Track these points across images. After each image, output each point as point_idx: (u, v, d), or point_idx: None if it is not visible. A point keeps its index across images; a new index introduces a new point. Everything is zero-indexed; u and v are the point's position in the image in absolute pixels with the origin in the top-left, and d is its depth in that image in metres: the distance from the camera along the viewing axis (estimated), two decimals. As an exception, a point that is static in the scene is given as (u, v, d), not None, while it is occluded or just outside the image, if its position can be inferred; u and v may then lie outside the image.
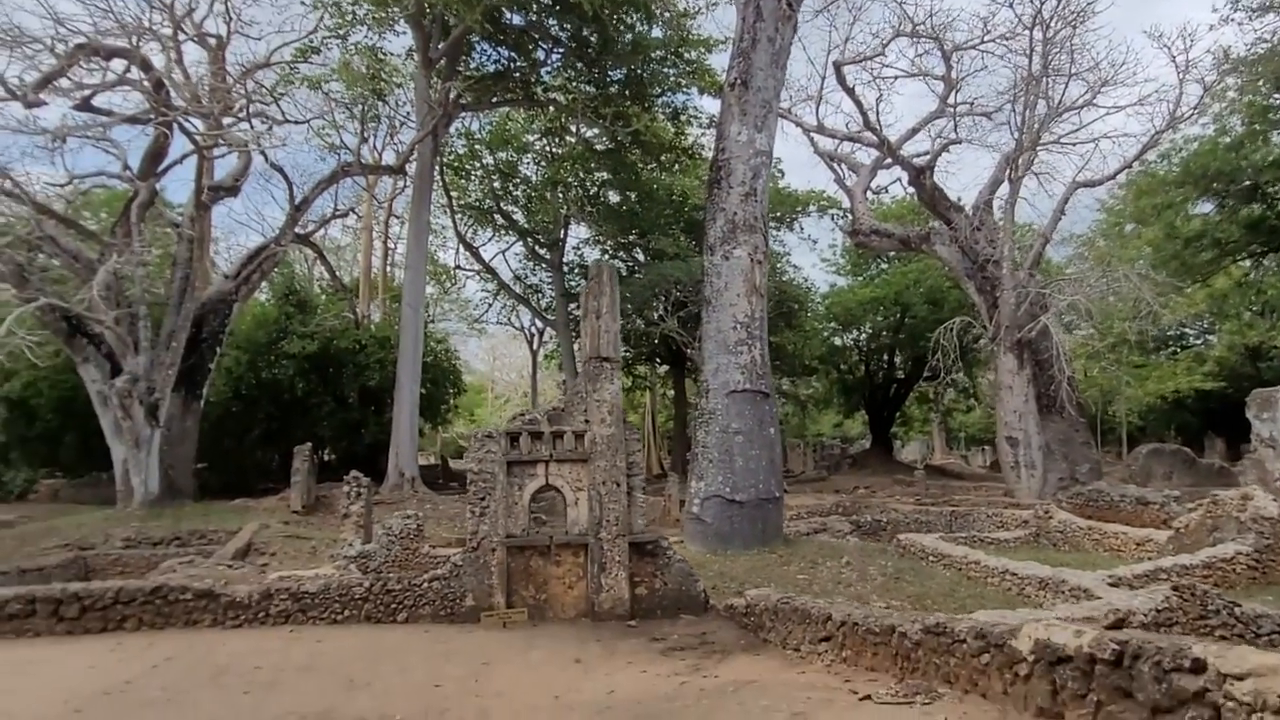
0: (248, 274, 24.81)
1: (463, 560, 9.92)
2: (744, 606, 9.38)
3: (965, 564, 14.59)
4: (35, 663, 8.27)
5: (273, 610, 9.70)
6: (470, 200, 37.46)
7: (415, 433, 26.44)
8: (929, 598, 13.34)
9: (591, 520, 10.06)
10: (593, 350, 10.52)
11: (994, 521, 18.56)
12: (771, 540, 15.85)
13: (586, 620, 9.92)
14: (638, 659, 8.23)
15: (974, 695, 5.69)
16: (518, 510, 10.11)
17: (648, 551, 10.25)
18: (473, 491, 10.02)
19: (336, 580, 9.91)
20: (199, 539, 19.95)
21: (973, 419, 49.85)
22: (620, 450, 10.24)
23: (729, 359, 16.03)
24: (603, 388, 10.38)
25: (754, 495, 15.72)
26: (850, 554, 15.50)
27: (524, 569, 10.04)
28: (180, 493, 23.36)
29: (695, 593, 10.24)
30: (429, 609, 9.81)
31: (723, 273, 16.30)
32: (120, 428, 21.83)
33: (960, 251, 23.81)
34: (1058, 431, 22.07)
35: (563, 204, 35.55)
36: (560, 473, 10.22)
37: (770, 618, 8.67)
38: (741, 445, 15.77)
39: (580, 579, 10.09)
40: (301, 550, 18.90)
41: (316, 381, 33.28)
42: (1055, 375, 21.86)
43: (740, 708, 5.99)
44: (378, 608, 9.80)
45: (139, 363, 21.70)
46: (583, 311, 10.90)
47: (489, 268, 38.83)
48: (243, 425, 32.69)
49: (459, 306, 47.77)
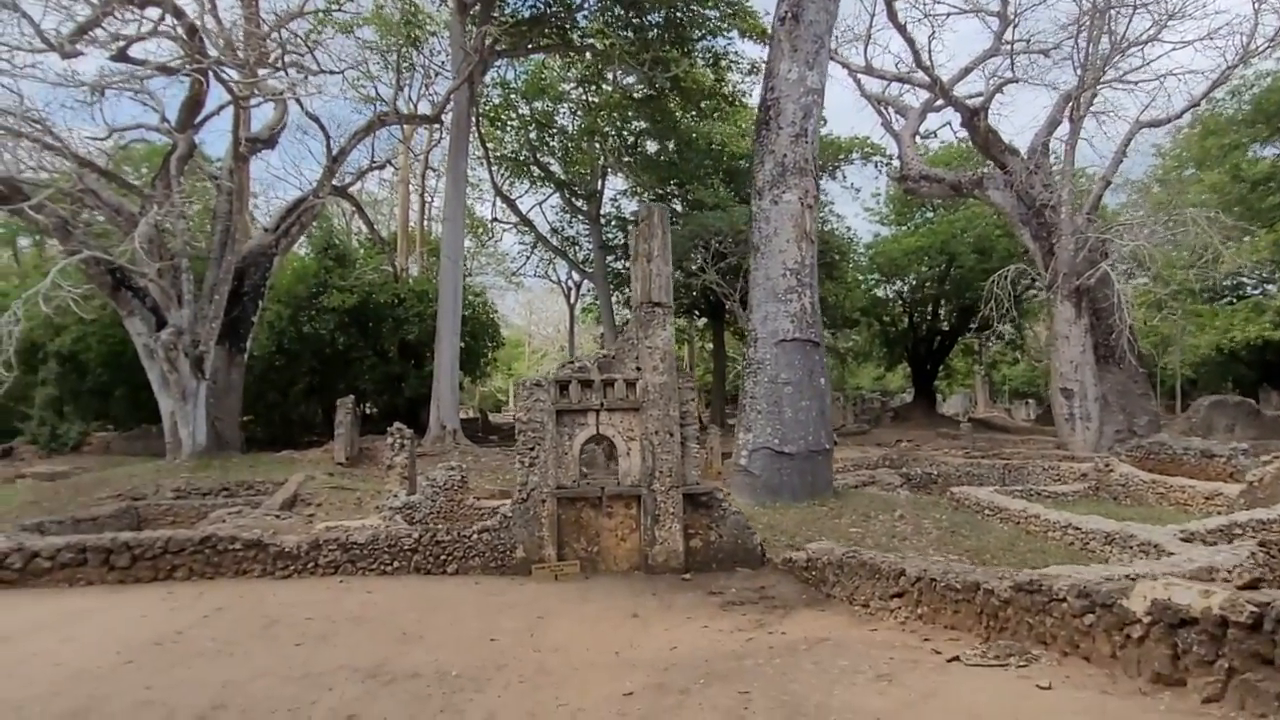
0: (287, 227, 24.59)
1: (512, 512, 9.61)
2: (805, 561, 8.97)
3: (1024, 518, 14.06)
4: (88, 612, 8.14)
5: (322, 561, 9.50)
6: (506, 152, 36.80)
7: (456, 385, 26.28)
8: (987, 552, 12.90)
9: (644, 471, 9.67)
10: (644, 295, 10.02)
11: (1050, 475, 17.91)
12: (821, 493, 15.41)
13: (639, 573, 9.59)
14: (697, 614, 7.88)
15: (1074, 658, 5.22)
16: (568, 460, 9.75)
17: (702, 503, 9.85)
18: (521, 441, 9.67)
19: (385, 531, 9.67)
20: (246, 490, 20.07)
21: (1016, 372, 48.58)
22: (673, 399, 9.79)
23: (778, 307, 15.44)
24: (655, 334, 9.90)
25: (803, 447, 15.25)
26: (903, 507, 15.03)
27: (575, 521, 9.71)
28: (227, 445, 23.50)
29: (751, 546, 9.85)
30: (478, 561, 9.54)
31: (771, 218, 15.63)
32: (167, 381, 21.90)
33: (1015, 196, 22.75)
34: (1115, 383, 21.19)
35: (600, 154, 34.76)
36: (611, 422, 9.82)
37: (835, 572, 8.24)
38: (791, 396, 15.26)
39: (633, 531, 9.74)
40: (347, 501, 18.89)
41: (357, 335, 33.30)
42: (1114, 324, 20.93)
43: (816, 667, 5.59)
44: (427, 559, 9.55)
45: (183, 316, 21.66)
46: (632, 255, 10.39)
47: (526, 220, 38.28)
48: (286, 379, 32.87)
49: (496, 261, 47.42)
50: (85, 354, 30.79)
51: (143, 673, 6.25)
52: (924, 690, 4.93)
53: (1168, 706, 4.33)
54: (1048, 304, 22.03)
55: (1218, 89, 23.64)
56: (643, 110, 31.87)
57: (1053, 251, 22.06)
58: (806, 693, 5.07)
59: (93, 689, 5.86)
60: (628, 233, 39.93)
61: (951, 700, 4.72)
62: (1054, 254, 21.96)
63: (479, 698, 5.51)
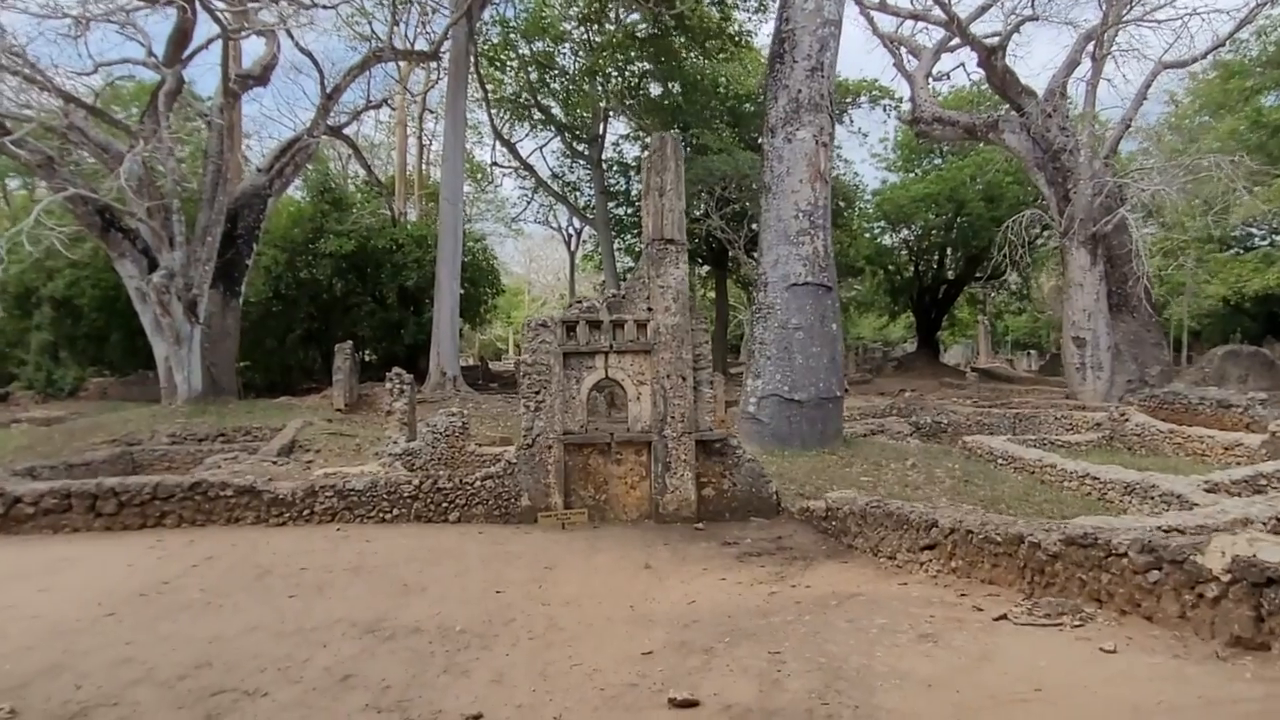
0: (280, 167, 23.72)
1: (517, 458, 9.11)
2: (824, 510, 8.51)
3: (1039, 467, 13.64)
4: (71, 560, 7.69)
5: (318, 508, 9.04)
6: (506, 94, 35.62)
7: (456, 331, 25.69)
8: (1002, 502, 12.52)
9: (655, 416, 9.16)
10: (655, 231, 9.39)
11: (1062, 424, 17.46)
12: (831, 441, 14.97)
13: (650, 522, 9.14)
14: (712, 565, 7.43)
15: (1134, 617, 4.75)
16: (575, 405, 9.23)
17: (715, 450, 9.36)
18: (525, 385, 9.13)
19: (384, 478, 9.20)
20: (244, 436, 19.67)
21: (1018, 323, 47.99)
22: (686, 341, 9.23)
23: (789, 250, 14.80)
24: (667, 272, 9.30)
25: (814, 394, 14.76)
26: (915, 456, 14.61)
27: (583, 468, 9.22)
28: (223, 390, 23.00)
29: (766, 495, 9.39)
30: (482, 509, 9.08)
31: (784, 156, 14.89)
32: (160, 325, 21.30)
33: (1031, 140, 21.90)
34: (1127, 332, 20.63)
35: (601, 96, 33.62)
36: (621, 365, 9.27)
37: (857, 523, 7.78)
38: (802, 341, 14.72)
39: (643, 479, 9.26)
40: (345, 448, 18.48)
41: (355, 281, 32.64)
42: (1129, 272, 20.29)
43: (851, 626, 5.13)
44: (428, 506, 9.08)
45: (175, 258, 20.97)
46: (643, 189, 9.72)
47: (526, 164, 37.26)
48: (284, 325, 32.32)
49: (495, 207, 46.44)
50: (79, 299, 30.18)
51: (124, 626, 5.80)
52: (975, 652, 4.46)
53: (1254, 674, 3.86)
54: (1062, 251, 21.36)
55: (1244, 28, 22.61)
56: (646, 50, 30.71)
57: (1068, 197, 21.30)
58: (844, 654, 4.61)
59: (69, 644, 5.41)
60: (629, 178, 39.00)
61: (1008, 664, 4.26)
62: (1069, 200, 21.22)
63: (485, 656, 5.05)
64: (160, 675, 4.89)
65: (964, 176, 31.28)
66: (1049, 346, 51.81)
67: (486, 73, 34.36)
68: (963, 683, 4.07)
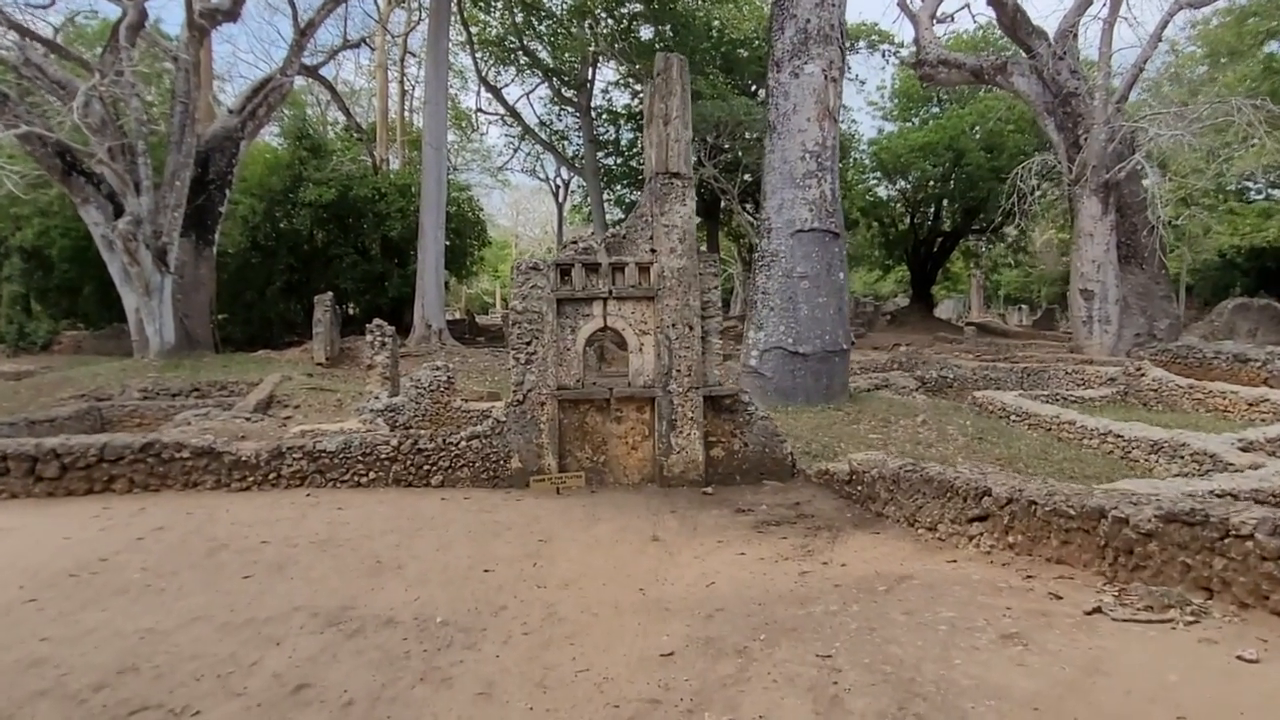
0: (253, 108, 22.23)
1: (506, 415, 8.13)
2: (847, 474, 7.60)
3: (1056, 424, 12.82)
4: (2, 532, 6.70)
5: (285, 471, 8.05)
6: (490, 36, 33.87)
7: (441, 282, 24.52)
8: (1019, 460, 11.70)
9: (659, 369, 8.17)
10: (660, 164, 8.30)
11: (1073, 379, 16.64)
12: (836, 397, 14.09)
13: (653, 486, 8.22)
14: (728, 537, 6.52)
15: (1260, 612, 3.88)
16: (570, 357, 8.23)
17: (725, 407, 8.41)
18: (515, 335, 8.12)
19: (359, 438, 8.20)
20: (219, 390, 18.63)
21: (1010, 277, 47.12)
22: (693, 286, 8.22)
23: (795, 194, 13.73)
24: (672, 210, 8.24)
25: (819, 347, 13.82)
26: (924, 412, 13.75)
27: (579, 426, 8.26)
28: (198, 343, 21.83)
29: (781, 456, 8.47)
30: (468, 472, 8.12)
31: (791, 93, 13.73)
32: (129, 275, 20.04)
33: (1042, 84, 20.73)
34: (1135, 285, 19.75)
35: (590, 39, 31.98)
36: (621, 313, 8.26)
37: (888, 489, 6.88)
38: (807, 291, 13.73)
39: (645, 438, 8.31)
40: (326, 403, 17.48)
41: (336, 231, 31.32)
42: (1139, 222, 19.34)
43: (911, 620, 4.23)
44: (408, 469, 8.11)
45: (142, 204, 19.63)
46: (646, 117, 8.61)
47: (512, 111, 35.64)
48: (263, 277, 31.04)
49: (481, 157, 44.76)
50: (49, 249, 28.77)
51: (43, 616, 4.84)
52: (1079, 660, 3.57)
53: None
54: (1070, 200, 20.37)
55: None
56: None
57: (1078, 144, 20.23)
58: (914, 660, 3.70)
59: (-31, 641, 4.45)
60: (619, 126, 37.48)
61: (1128, 678, 3.36)
62: (1079, 146, 20.15)
63: (471, 658, 4.13)
64: (73, 684, 3.94)
65: (964, 125, 30.08)
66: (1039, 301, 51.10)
67: (470, 14, 32.64)
68: (1078, 706, 3.17)
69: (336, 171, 27.93)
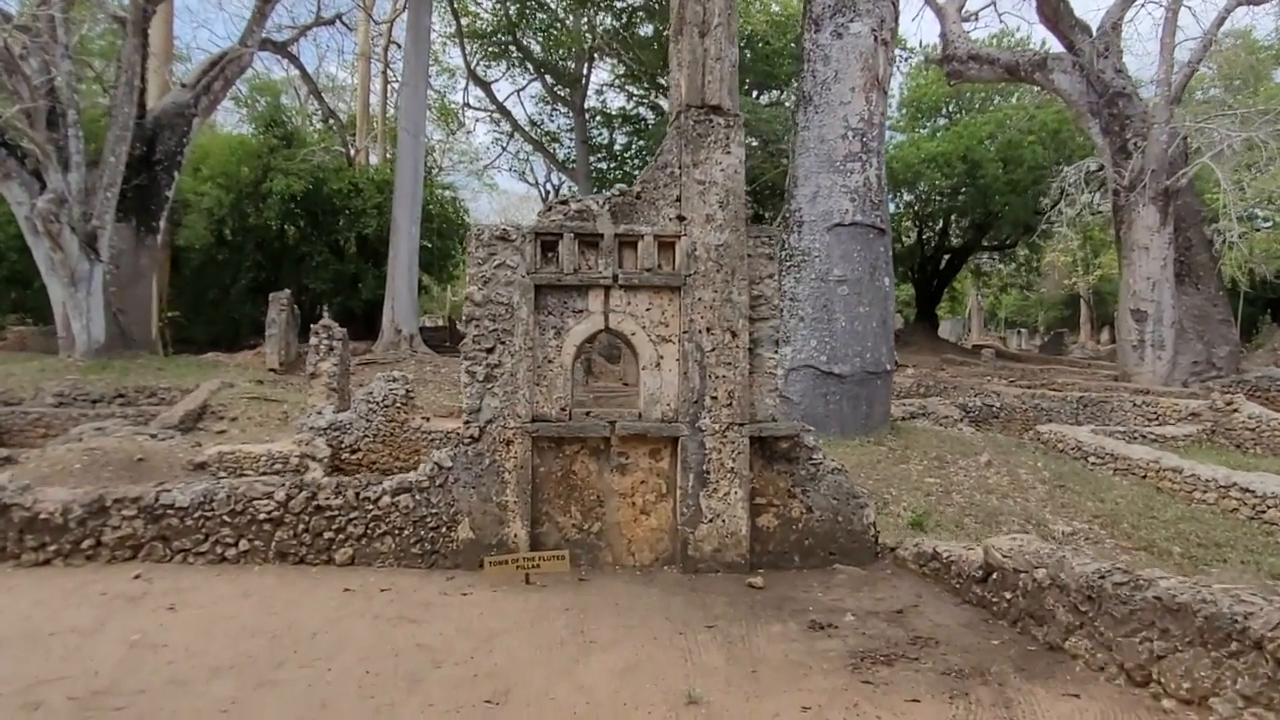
0: (208, 82, 19.23)
1: (453, 459, 5.21)
2: (979, 568, 4.72)
3: (1154, 470, 10.07)
4: None
5: (109, 537, 5.08)
6: (482, 28, 31.06)
7: (414, 282, 21.55)
8: (1122, 519, 8.98)
9: (685, 395, 5.30)
10: (692, 93, 5.45)
11: (1143, 412, 13.91)
12: (877, 427, 11.26)
13: (673, 571, 5.32)
14: (813, 688, 3.63)
15: None
16: (553, 373, 5.33)
17: (780, 453, 5.52)
18: (471, 339, 5.22)
19: (226, 489, 5.23)
20: (147, 398, 15.59)
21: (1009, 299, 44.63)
22: (739, 272, 5.36)
23: (834, 180, 10.93)
24: (711, 160, 5.39)
25: (858, 367, 11.01)
26: (986, 450, 10.95)
27: (563, 477, 5.35)
28: (135, 342, 18.70)
29: (859, 526, 5.57)
30: (391, 543, 5.18)
31: (831, 57, 10.95)
32: (53, 261, 16.97)
33: (1086, 82, 18.15)
34: (1192, 306, 17.13)
35: (587, 33, 29.27)
36: (631, 309, 5.38)
37: (1076, 609, 3.99)
38: (846, 299, 10.93)
39: (662, 498, 5.41)
40: (269, 416, 14.49)
41: (308, 228, 28.33)
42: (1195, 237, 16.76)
43: None
44: (298, 538, 5.16)
45: (69, 181, 16.60)
46: (674, 25, 5.74)
47: (501, 107, 32.80)
48: (229, 274, 27.98)
49: (469, 159, 41.78)
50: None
51: None
52: None
53: None
54: (1117, 209, 17.75)
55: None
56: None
57: (1125, 149, 17.63)
58: None
59: None
60: (613, 129, 34.73)
61: None
62: (1126, 151, 17.55)
63: None
64: None
65: (981, 135, 27.53)
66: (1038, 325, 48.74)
67: (461, 3, 29.85)
68: None
69: (308, 161, 24.92)
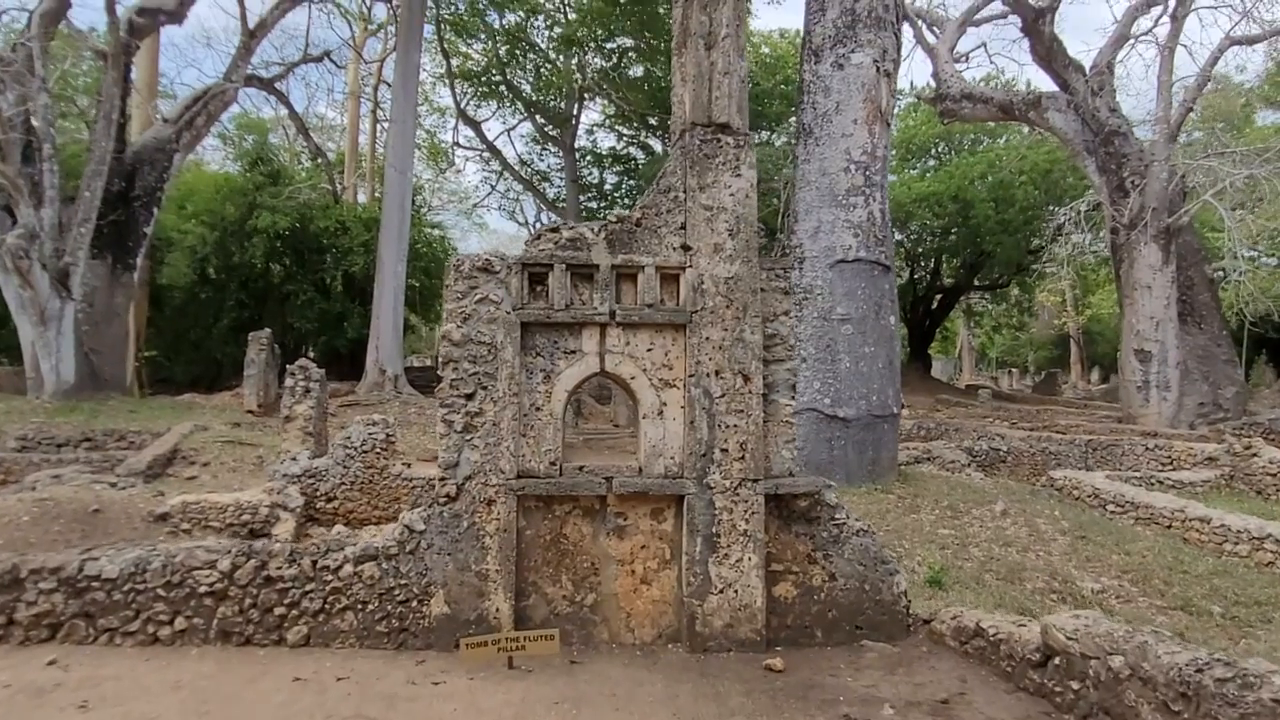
0: (191, 117, 18.72)
1: (427, 522, 4.51)
2: (1036, 650, 4.04)
3: (1181, 520, 9.41)
4: None
5: (23, 615, 4.32)
6: (472, 68, 30.89)
7: (400, 322, 20.88)
8: (1151, 574, 8.34)
9: (692, 447, 4.64)
10: (698, 111, 4.89)
11: (1155, 456, 13.31)
12: (884, 474, 10.62)
13: (677, 649, 4.60)
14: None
15: None
16: (542, 423, 4.67)
17: (799, 513, 4.84)
18: (448, 382, 4.56)
19: (162, 557, 4.50)
20: (116, 441, 14.82)
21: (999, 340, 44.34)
22: (751, 308, 4.76)
23: (836, 214, 10.43)
24: (718, 183, 4.81)
25: (863, 410, 10.40)
26: (1000, 498, 10.30)
27: (552, 542, 4.65)
28: (107, 383, 17.89)
29: (889, 597, 4.87)
30: (353, 620, 4.45)
31: (832, 88, 10.52)
32: (22, 299, 16.24)
33: (1081, 121, 17.92)
34: (1195, 346, 16.67)
35: (577, 73, 29.11)
36: (630, 349, 4.74)
37: (1162, 706, 3.32)
38: (850, 339, 10.35)
39: (665, 565, 4.72)
40: (244, 460, 13.72)
41: (294, 266, 27.70)
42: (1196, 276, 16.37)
43: None
44: (243, 614, 4.42)
45: (42, 217, 15.95)
46: (677, 38, 5.20)
47: (491, 146, 32.53)
48: (211, 313, 27.22)
49: (459, 198, 41.44)
50: (-35, 273, 24.76)
51: None
52: None
53: None
54: (1115, 249, 17.37)
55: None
56: (628, 19, 26.29)
57: (1122, 187, 17.31)
58: None
59: None
60: (603, 168, 34.52)
61: None
62: (1124, 189, 17.24)
63: None
64: None
65: (972, 175, 27.36)
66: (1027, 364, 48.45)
67: (451, 44, 29.69)
68: None
69: (294, 199, 24.39)
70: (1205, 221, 21.38)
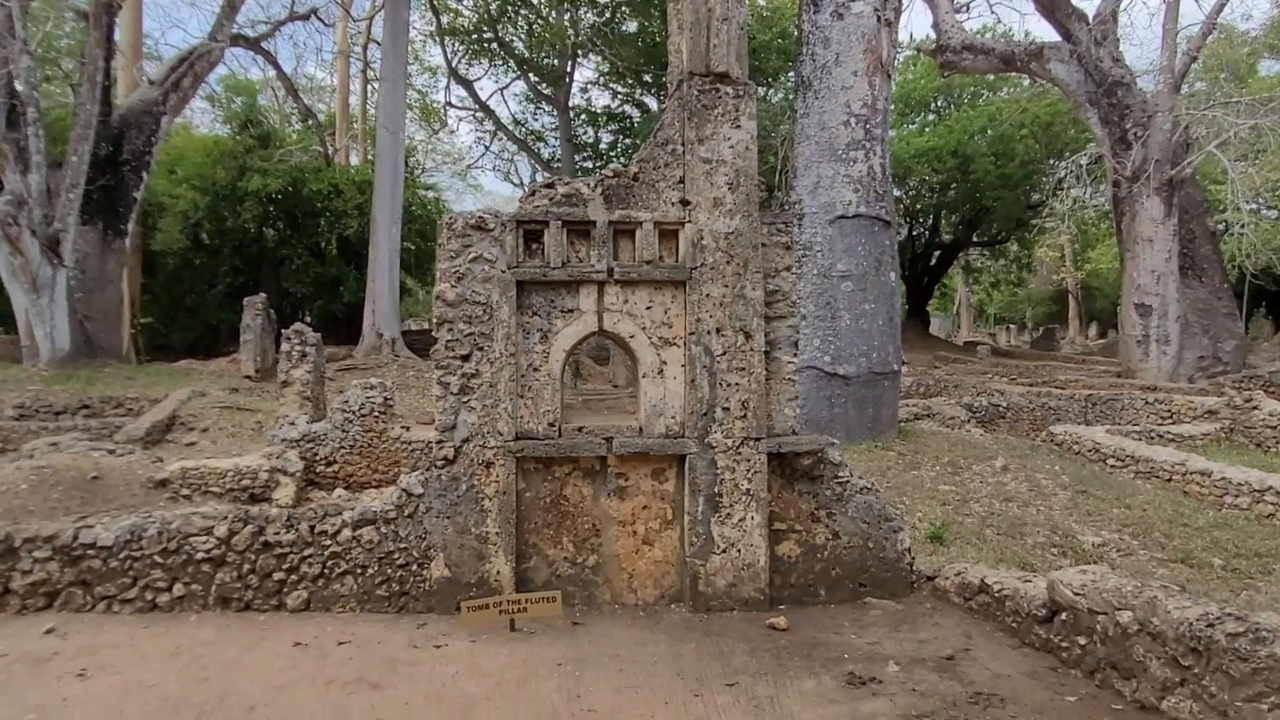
0: (177, 78, 18.30)
1: (425, 486, 4.44)
2: (1042, 606, 4.00)
3: (1179, 473, 9.42)
4: None
5: (18, 584, 4.27)
6: (463, 25, 30.20)
7: (396, 285, 20.71)
8: (1152, 527, 8.36)
9: (693, 407, 4.56)
10: (696, 60, 4.71)
11: (1156, 410, 13.28)
12: (885, 431, 10.58)
13: (680, 609, 4.57)
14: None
15: None
16: (540, 383, 4.58)
17: (802, 471, 4.77)
18: (443, 343, 4.46)
19: (158, 524, 4.44)
20: (114, 408, 14.79)
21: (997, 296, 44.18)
22: (752, 264, 4.63)
23: (836, 169, 10.23)
24: (718, 135, 4.65)
25: (864, 367, 10.32)
26: (1000, 454, 10.27)
27: (553, 504, 4.59)
28: (103, 350, 17.76)
29: (892, 554, 4.83)
30: (352, 584, 4.40)
31: (832, 39, 10.24)
32: (13, 267, 16.03)
33: (1084, 72, 17.56)
34: (1196, 300, 16.56)
35: (570, 26, 28.47)
36: (628, 307, 4.63)
37: (1172, 661, 3.28)
38: (850, 295, 10.23)
39: (667, 525, 4.67)
40: (243, 426, 13.68)
41: (287, 230, 27.41)
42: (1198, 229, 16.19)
43: None
44: (242, 580, 4.37)
45: (29, 183, 15.68)
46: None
47: (484, 106, 31.95)
48: (205, 278, 26.97)
49: (452, 159, 40.84)
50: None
51: None
52: None
53: None
54: (1117, 202, 17.16)
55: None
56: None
57: (1125, 139, 17.04)
58: None
59: None
60: (598, 127, 33.96)
61: None
62: (1127, 142, 16.97)
63: None
64: None
65: (973, 129, 26.94)
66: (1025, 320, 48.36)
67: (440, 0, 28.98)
68: None
69: (285, 161, 24.01)
70: (1207, 174, 21.12)
